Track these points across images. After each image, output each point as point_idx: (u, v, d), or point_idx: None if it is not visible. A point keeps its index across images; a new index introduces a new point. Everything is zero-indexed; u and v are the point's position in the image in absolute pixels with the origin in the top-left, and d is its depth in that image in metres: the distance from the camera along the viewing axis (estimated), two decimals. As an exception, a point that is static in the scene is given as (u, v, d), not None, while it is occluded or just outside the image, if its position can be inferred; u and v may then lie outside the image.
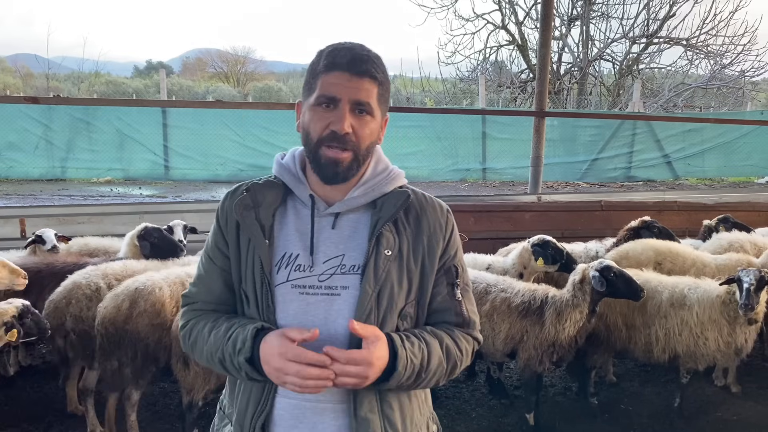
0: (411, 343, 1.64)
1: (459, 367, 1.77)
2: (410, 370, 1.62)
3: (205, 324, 1.75)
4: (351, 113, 1.65)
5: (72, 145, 16.54)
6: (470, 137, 18.29)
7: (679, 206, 8.15)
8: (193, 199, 14.21)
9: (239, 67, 54.42)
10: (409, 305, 1.74)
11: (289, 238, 1.74)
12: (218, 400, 2.02)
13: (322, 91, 1.64)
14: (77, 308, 4.28)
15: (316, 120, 1.66)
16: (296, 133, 1.77)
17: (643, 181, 19.06)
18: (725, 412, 5.07)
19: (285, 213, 1.78)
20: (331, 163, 1.66)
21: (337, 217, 1.75)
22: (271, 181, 1.81)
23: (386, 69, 1.73)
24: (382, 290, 1.68)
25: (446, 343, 1.73)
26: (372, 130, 1.70)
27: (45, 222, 6.63)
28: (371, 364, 1.54)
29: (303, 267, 1.70)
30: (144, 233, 5.24)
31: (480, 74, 25.50)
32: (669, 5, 25.24)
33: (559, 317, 4.37)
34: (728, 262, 5.32)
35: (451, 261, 1.81)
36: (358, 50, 1.67)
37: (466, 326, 1.81)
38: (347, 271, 1.69)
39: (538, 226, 6.72)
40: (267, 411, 1.70)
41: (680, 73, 27.05)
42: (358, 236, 1.73)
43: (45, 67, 31.16)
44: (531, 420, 4.68)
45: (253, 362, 1.60)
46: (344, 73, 1.63)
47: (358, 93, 1.64)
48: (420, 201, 1.82)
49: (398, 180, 1.83)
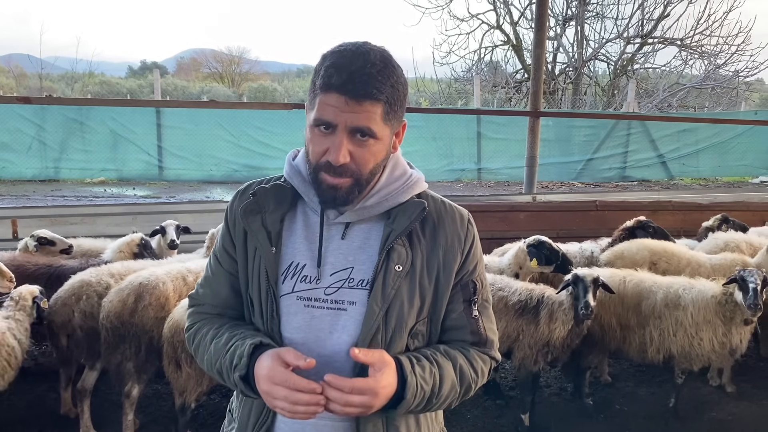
0: (422, 367, 1.53)
1: (473, 388, 1.66)
2: (420, 397, 1.51)
3: (209, 330, 1.68)
4: (350, 138, 1.50)
5: (65, 145, 16.46)
6: (465, 137, 18.30)
7: (674, 206, 8.15)
8: (188, 199, 14.16)
9: (234, 67, 54.29)
10: (421, 323, 1.64)
11: (296, 246, 1.65)
12: (211, 402, 1.98)
13: (318, 114, 1.50)
14: (88, 305, 4.31)
15: (315, 143, 1.54)
16: (291, 133, 1.72)
17: (637, 181, 19.10)
18: (720, 412, 5.06)
19: (294, 219, 1.68)
20: (329, 188, 1.55)
21: (348, 227, 1.64)
22: (280, 185, 1.70)
23: (396, 75, 1.53)
24: (390, 308, 1.57)
25: (460, 364, 1.62)
26: (376, 152, 1.55)
27: (37, 223, 6.59)
28: (376, 393, 1.43)
29: (309, 278, 1.61)
30: (144, 243, 5.23)
31: (475, 74, 25.56)
32: (663, 5, 25.31)
33: (551, 318, 4.39)
34: (723, 262, 5.32)
35: (470, 276, 1.69)
36: (358, 66, 1.47)
37: (483, 345, 1.70)
38: (355, 286, 1.60)
39: (533, 226, 6.72)
40: (268, 425, 1.63)
41: (675, 74, 27.15)
42: (369, 248, 1.63)
43: (38, 67, 31.00)
44: (526, 421, 4.67)
45: (248, 379, 1.52)
46: (341, 96, 1.46)
47: (356, 119, 1.47)
48: (438, 211, 1.69)
49: (416, 188, 1.69)
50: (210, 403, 4.85)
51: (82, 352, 4.39)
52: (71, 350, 4.44)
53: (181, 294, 4.29)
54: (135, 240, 5.25)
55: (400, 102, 1.56)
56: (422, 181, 1.72)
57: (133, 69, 60.48)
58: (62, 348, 4.44)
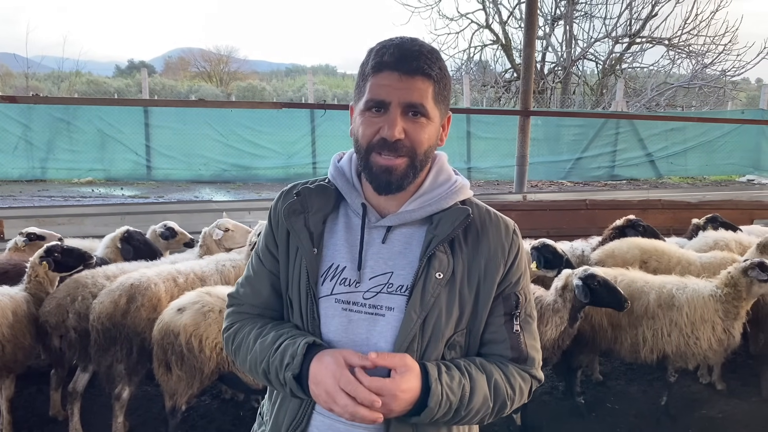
0: (451, 377, 1.49)
1: (509, 406, 1.60)
2: (446, 407, 1.47)
3: (251, 330, 1.66)
4: (403, 117, 1.50)
5: (52, 145, 16.27)
6: (455, 136, 18.26)
7: (663, 205, 8.20)
8: (176, 199, 14.07)
9: (222, 66, 54.06)
10: (459, 334, 1.59)
11: (337, 248, 1.63)
12: (201, 404, 1.96)
13: (371, 95, 1.50)
14: (83, 306, 4.28)
15: (366, 126, 1.53)
16: (280, 132, 1.70)
17: (626, 180, 19.18)
18: (710, 409, 5.09)
19: (336, 220, 1.67)
20: (383, 171, 1.53)
21: (389, 231, 1.62)
22: (324, 185, 1.68)
23: (443, 62, 1.56)
24: (428, 317, 1.54)
25: (496, 378, 1.57)
26: (429, 133, 1.55)
27: (24, 223, 6.51)
28: (395, 396, 1.41)
29: (349, 281, 1.59)
30: (127, 236, 5.18)
31: (464, 74, 25.55)
32: (651, 5, 25.50)
33: (541, 320, 4.36)
34: (713, 260, 5.35)
35: (512, 288, 1.64)
36: (407, 45, 1.51)
37: (523, 362, 1.64)
38: (394, 291, 1.57)
39: (523, 225, 6.63)
40: (303, 427, 1.61)
41: (662, 73, 27.31)
42: (410, 254, 1.60)
43: (24, 66, 30.69)
44: (518, 420, 4.67)
45: (299, 379, 1.50)
46: (393, 72, 1.48)
47: (409, 94, 1.49)
48: (482, 219, 1.66)
49: (461, 194, 1.66)
50: (200, 405, 4.82)
51: (75, 353, 4.35)
52: (64, 352, 4.40)
53: (172, 295, 4.26)
54: (118, 234, 5.24)
55: (447, 88, 1.58)
56: (467, 188, 1.70)
57: (121, 68, 60.07)
58: (54, 349, 4.40)
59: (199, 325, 3.79)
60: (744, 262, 4.47)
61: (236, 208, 7.78)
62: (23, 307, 4.22)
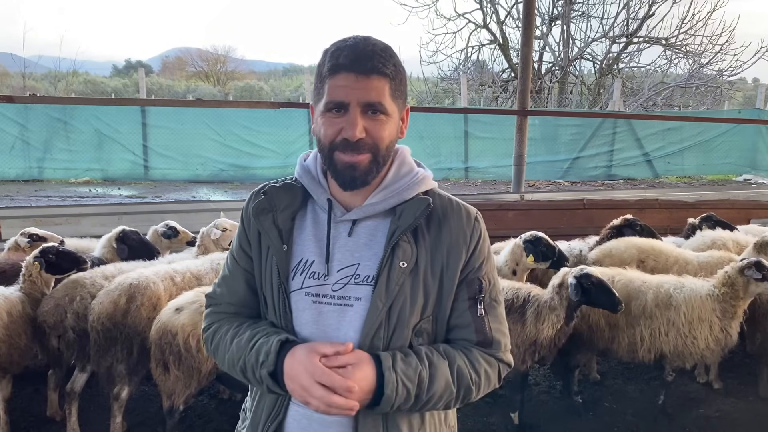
0: (407, 364, 1.54)
1: (475, 391, 1.64)
2: (403, 394, 1.51)
3: (228, 329, 1.70)
4: (363, 116, 1.55)
5: (49, 145, 16.25)
6: (452, 136, 18.29)
7: (661, 204, 8.21)
8: (173, 199, 14.06)
9: (219, 66, 54.00)
10: (425, 321, 1.64)
11: (306, 243, 1.68)
12: (199, 403, 1.98)
13: (330, 97, 1.55)
14: (81, 306, 4.27)
15: (327, 126, 1.58)
16: (277, 132, 1.72)
17: (623, 180, 19.21)
18: (707, 408, 5.10)
19: (304, 217, 1.72)
20: (347, 168, 1.58)
21: (355, 224, 1.67)
22: (291, 184, 1.74)
23: (397, 57, 1.60)
24: (394, 304, 1.59)
25: (458, 364, 1.61)
26: (389, 129, 1.60)
27: (21, 223, 6.51)
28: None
29: (318, 275, 1.64)
30: (122, 236, 5.18)
31: (462, 73, 25.57)
32: (648, 5, 25.46)
33: (538, 318, 4.37)
34: (710, 260, 5.35)
35: (475, 273, 1.68)
36: (361, 46, 1.55)
37: (488, 346, 1.67)
38: (361, 282, 1.61)
39: (521, 225, 6.71)
40: (280, 419, 1.66)
41: (659, 73, 27.34)
42: (375, 245, 1.64)
43: (21, 66, 30.61)
44: (516, 419, 4.68)
45: (275, 376, 1.55)
46: (350, 74, 1.53)
47: (367, 94, 1.54)
48: (444, 207, 1.70)
49: (422, 185, 1.71)
50: (198, 405, 4.81)
51: (74, 353, 4.34)
52: (62, 352, 4.39)
53: (171, 294, 4.25)
54: (114, 234, 5.24)
55: (403, 82, 1.63)
56: (429, 179, 1.75)
57: (118, 68, 59.99)
58: (52, 349, 4.39)
59: (197, 324, 3.79)
60: (741, 261, 4.47)
61: (234, 208, 7.76)
62: (18, 307, 4.21)
